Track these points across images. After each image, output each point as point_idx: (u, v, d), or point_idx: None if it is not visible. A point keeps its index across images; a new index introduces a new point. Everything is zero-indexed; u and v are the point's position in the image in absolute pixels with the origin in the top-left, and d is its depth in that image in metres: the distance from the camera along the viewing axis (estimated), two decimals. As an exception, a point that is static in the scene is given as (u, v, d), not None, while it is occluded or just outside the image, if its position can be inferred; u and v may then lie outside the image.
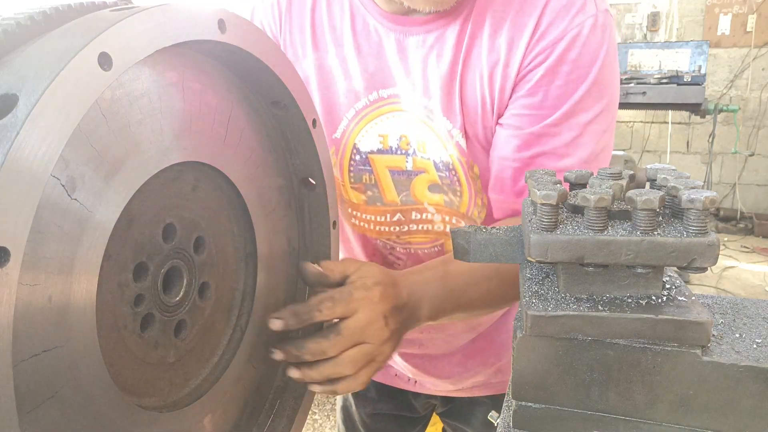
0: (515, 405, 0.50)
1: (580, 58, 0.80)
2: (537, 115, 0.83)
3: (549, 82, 0.82)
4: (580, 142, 0.83)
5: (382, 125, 0.92)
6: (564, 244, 0.48)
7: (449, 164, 0.90)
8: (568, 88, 0.82)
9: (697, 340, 0.46)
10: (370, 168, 0.95)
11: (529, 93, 0.83)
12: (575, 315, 0.48)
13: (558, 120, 0.82)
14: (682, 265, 0.47)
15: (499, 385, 1.12)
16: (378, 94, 0.92)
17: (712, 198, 0.45)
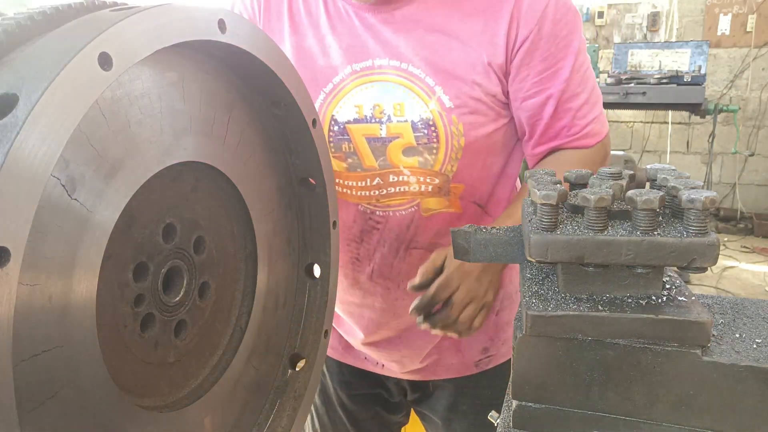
0: (515, 405, 0.50)
1: (561, 15, 0.96)
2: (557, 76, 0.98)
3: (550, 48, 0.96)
4: (585, 77, 1.01)
5: (357, 96, 1.02)
6: (564, 244, 0.48)
7: (429, 120, 1.00)
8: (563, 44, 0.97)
9: (697, 340, 0.46)
10: (348, 137, 1.04)
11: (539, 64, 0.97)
12: (575, 315, 0.48)
13: (569, 71, 0.98)
14: (682, 265, 0.47)
15: (458, 367, 1.20)
16: (352, 67, 1.01)
17: (712, 198, 0.45)
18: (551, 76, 0.99)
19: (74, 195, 0.50)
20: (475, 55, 0.97)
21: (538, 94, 1.00)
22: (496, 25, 0.96)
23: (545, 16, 0.95)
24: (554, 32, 0.96)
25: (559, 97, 1.00)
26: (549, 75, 0.99)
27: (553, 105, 1.00)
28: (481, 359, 1.20)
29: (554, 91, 0.99)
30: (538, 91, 0.99)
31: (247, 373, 0.79)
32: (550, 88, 0.99)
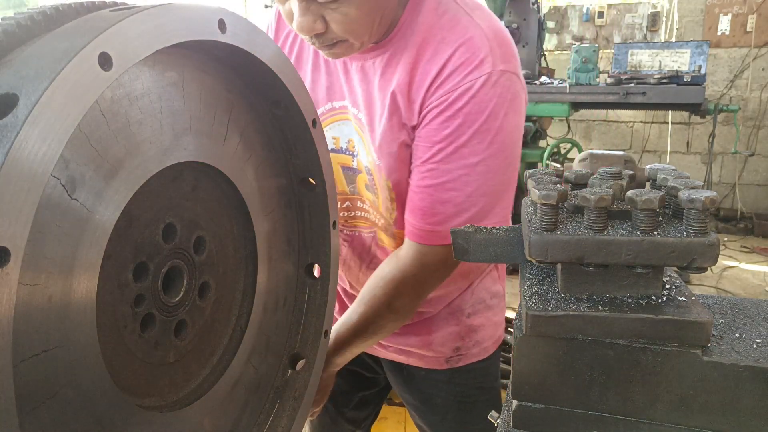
0: (515, 405, 0.50)
1: (468, 107, 0.96)
2: (431, 150, 1.00)
3: (441, 124, 0.98)
4: (467, 180, 0.99)
5: (336, 130, 1.12)
6: (564, 244, 0.48)
7: (369, 170, 1.10)
8: (456, 132, 0.98)
9: (697, 340, 0.46)
10: None
11: (428, 130, 1.00)
12: (575, 315, 0.48)
13: (446, 158, 0.99)
14: (682, 265, 0.47)
15: (430, 360, 1.27)
16: (332, 104, 1.11)
17: (712, 198, 0.45)
18: (431, 149, 1.00)
19: (74, 195, 0.50)
20: (398, 117, 1.02)
21: (417, 160, 1.03)
22: (418, 90, 1.00)
23: (454, 103, 0.97)
24: (453, 114, 0.97)
25: (432, 176, 1.01)
26: (431, 147, 1.00)
27: (425, 180, 1.01)
28: (452, 356, 1.27)
29: (432, 166, 1.00)
30: (418, 157, 1.02)
31: (247, 373, 0.79)
32: (427, 162, 1.01)
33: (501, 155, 1.00)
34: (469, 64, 0.96)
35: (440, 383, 1.28)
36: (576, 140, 4.61)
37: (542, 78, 4.67)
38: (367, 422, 1.54)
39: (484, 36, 0.97)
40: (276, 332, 0.84)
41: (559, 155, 4.40)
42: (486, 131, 0.97)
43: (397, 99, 1.01)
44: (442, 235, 1.02)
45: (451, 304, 1.24)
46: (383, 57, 1.03)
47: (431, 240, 1.02)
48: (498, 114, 0.97)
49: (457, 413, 1.30)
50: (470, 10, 1.00)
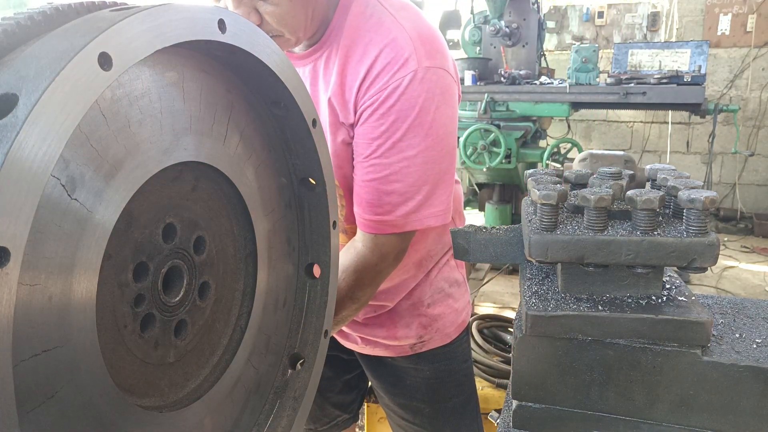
0: (515, 405, 0.50)
1: (399, 104, 1.02)
2: (371, 147, 1.06)
3: (376, 121, 1.04)
4: (408, 171, 1.05)
5: None
6: (564, 244, 0.48)
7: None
8: (391, 128, 1.03)
9: (697, 340, 0.46)
10: None
11: (365, 128, 1.05)
12: (575, 315, 0.48)
13: (386, 153, 1.04)
14: (682, 265, 0.47)
15: (397, 349, 1.32)
16: None
17: (712, 198, 0.45)
18: (370, 145, 1.06)
19: (74, 195, 0.50)
20: (335, 118, 1.08)
21: (358, 156, 1.08)
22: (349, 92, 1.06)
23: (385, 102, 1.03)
24: (387, 110, 1.03)
25: (372, 170, 1.07)
26: (369, 143, 1.06)
27: (367, 174, 1.07)
28: (416, 343, 1.33)
29: (372, 161, 1.06)
30: (358, 152, 1.08)
31: (247, 373, 0.79)
32: (369, 158, 1.07)
33: (437, 146, 1.06)
34: (395, 63, 1.01)
35: (407, 368, 1.34)
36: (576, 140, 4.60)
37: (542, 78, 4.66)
38: (354, 406, 1.58)
39: (407, 36, 1.02)
40: (276, 332, 0.84)
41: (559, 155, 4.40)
42: (419, 125, 1.03)
43: (332, 101, 1.07)
44: (392, 224, 1.07)
45: (411, 296, 1.29)
46: (319, 61, 1.09)
47: (384, 229, 1.08)
48: (429, 108, 1.03)
49: (425, 393, 1.35)
50: (395, 11, 1.05)
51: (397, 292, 1.28)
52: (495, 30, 4.41)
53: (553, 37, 6.34)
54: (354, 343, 1.37)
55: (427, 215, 1.09)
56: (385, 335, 1.31)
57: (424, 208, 1.09)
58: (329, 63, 1.08)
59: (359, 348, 1.37)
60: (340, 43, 1.06)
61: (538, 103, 4.21)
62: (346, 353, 1.45)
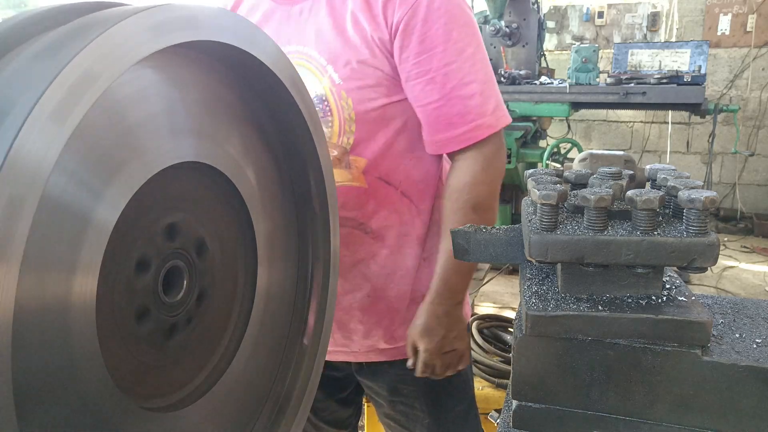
0: (515, 405, 0.50)
1: (444, 6, 1.03)
2: (432, 58, 1.04)
3: (426, 29, 1.03)
4: (476, 69, 1.06)
5: None
6: (564, 244, 0.48)
7: (322, 96, 1.10)
8: (444, 31, 1.03)
9: (697, 340, 0.46)
10: None
11: (414, 41, 1.03)
12: (575, 315, 0.48)
13: (450, 58, 1.04)
14: (682, 265, 0.47)
15: (393, 352, 1.29)
16: None
17: (712, 198, 0.45)
18: (428, 60, 1.04)
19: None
20: (360, 36, 1.06)
21: (419, 76, 1.05)
22: (376, 7, 1.05)
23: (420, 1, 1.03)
24: (430, 18, 1.03)
25: (442, 82, 1.05)
26: (426, 58, 1.04)
27: (439, 91, 1.05)
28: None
29: (435, 75, 1.04)
30: (418, 72, 1.05)
31: (247, 374, 0.79)
32: (430, 72, 1.04)
33: (481, 42, 1.10)
34: None
35: (407, 376, 1.29)
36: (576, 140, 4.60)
37: (542, 78, 4.66)
38: (351, 420, 1.52)
39: None
40: (276, 332, 0.84)
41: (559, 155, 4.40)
42: (465, 23, 1.06)
43: (357, 16, 1.06)
44: (487, 125, 1.08)
45: (413, 291, 1.26)
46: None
47: (480, 134, 1.07)
48: (464, 4, 1.07)
49: (425, 402, 1.31)
50: None
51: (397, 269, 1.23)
52: (495, 30, 4.40)
53: (553, 37, 6.34)
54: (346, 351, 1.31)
55: (505, 111, 1.11)
56: (385, 337, 1.28)
57: (500, 103, 1.11)
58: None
59: (354, 357, 1.32)
60: None
61: (538, 103, 4.21)
62: (338, 370, 1.39)
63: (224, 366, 0.75)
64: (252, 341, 0.79)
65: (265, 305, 0.81)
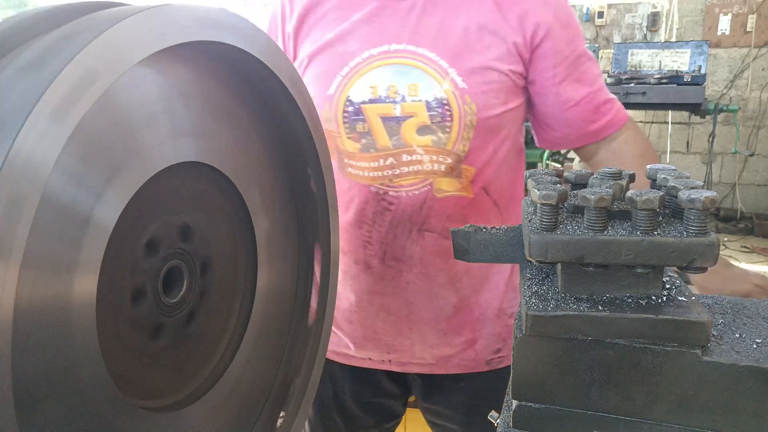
0: (515, 405, 0.50)
1: (569, 9, 1.11)
2: (579, 59, 1.11)
3: (570, 34, 1.09)
4: (594, 66, 1.14)
5: (373, 78, 1.08)
6: (564, 244, 0.48)
7: (443, 99, 1.06)
8: (576, 35, 1.12)
9: (697, 340, 0.46)
10: (363, 117, 1.09)
11: (566, 48, 1.08)
12: (575, 315, 0.48)
13: (584, 59, 1.12)
14: (682, 265, 0.47)
15: (470, 363, 1.22)
16: (369, 52, 1.08)
17: (712, 198, 0.45)
18: (575, 60, 1.10)
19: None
20: (489, 40, 1.05)
21: (567, 77, 1.10)
22: (512, 12, 1.05)
23: (557, 6, 1.08)
24: (571, 21, 1.10)
25: (585, 78, 1.11)
26: (574, 60, 1.09)
27: (587, 86, 1.11)
28: (493, 358, 1.22)
29: (580, 74, 1.10)
30: (567, 74, 1.09)
31: (247, 373, 0.79)
32: (575, 72, 1.10)
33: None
34: None
35: (483, 392, 1.21)
36: (576, 140, 4.59)
37: (542, 78, 4.65)
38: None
39: None
40: (276, 332, 0.84)
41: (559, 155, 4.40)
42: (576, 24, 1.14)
43: (488, 18, 1.05)
44: (622, 110, 1.17)
45: (499, 299, 1.20)
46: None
47: (624, 114, 1.16)
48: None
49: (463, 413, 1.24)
50: None
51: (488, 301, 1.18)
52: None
53: (553, 37, 6.33)
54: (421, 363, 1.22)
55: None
56: (463, 345, 1.19)
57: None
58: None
59: (424, 368, 1.22)
60: None
61: (538, 103, 4.20)
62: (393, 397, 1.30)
63: (224, 366, 0.75)
64: (252, 341, 0.79)
65: (265, 305, 0.81)
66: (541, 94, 1.12)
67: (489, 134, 1.09)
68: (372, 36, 1.08)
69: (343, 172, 1.12)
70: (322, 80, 1.10)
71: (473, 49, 1.04)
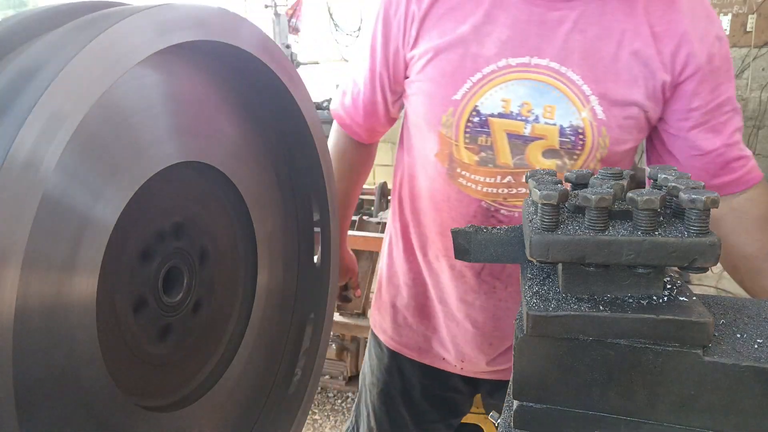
0: (516, 405, 0.50)
1: (725, 50, 1.00)
2: (720, 108, 1.00)
3: (718, 80, 0.99)
4: (737, 114, 1.04)
5: (506, 90, 0.98)
6: (565, 244, 0.48)
7: (579, 128, 0.98)
8: (728, 77, 1.01)
9: (698, 340, 0.45)
10: (488, 130, 1.00)
11: (708, 95, 0.99)
12: (576, 315, 0.48)
13: (729, 104, 1.01)
14: (683, 265, 0.47)
15: None
16: (507, 61, 0.98)
17: (713, 198, 0.45)
18: (716, 108, 1.00)
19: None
20: (639, 71, 0.96)
21: (703, 124, 1.00)
22: (668, 47, 0.96)
23: (713, 47, 0.97)
24: (723, 66, 0.99)
25: (723, 130, 1.01)
26: (715, 107, 1.00)
27: (721, 139, 1.01)
28: None
29: (716, 123, 1.01)
30: (703, 121, 1.00)
31: (247, 373, 0.79)
32: (712, 121, 1.00)
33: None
34: (709, 10, 0.98)
35: None
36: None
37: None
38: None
39: None
40: (276, 332, 0.84)
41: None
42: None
43: (642, 51, 0.95)
44: (755, 165, 1.06)
45: None
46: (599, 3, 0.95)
47: (758, 173, 1.05)
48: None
49: None
50: None
51: None
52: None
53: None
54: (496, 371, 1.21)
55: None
56: None
57: None
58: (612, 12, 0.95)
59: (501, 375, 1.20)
60: None
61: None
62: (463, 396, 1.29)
63: (224, 366, 0.75)
64: (252, 341, 0.79)
65: (265, 305, 0.81)
66: (669, 134, 1.03)
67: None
68: (513, 43, 0.97)
69: (452, 180, 1.05)
70: (448, 81, 1.00)
71: (620, 79, 0.96)
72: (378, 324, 1.29)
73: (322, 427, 2.61)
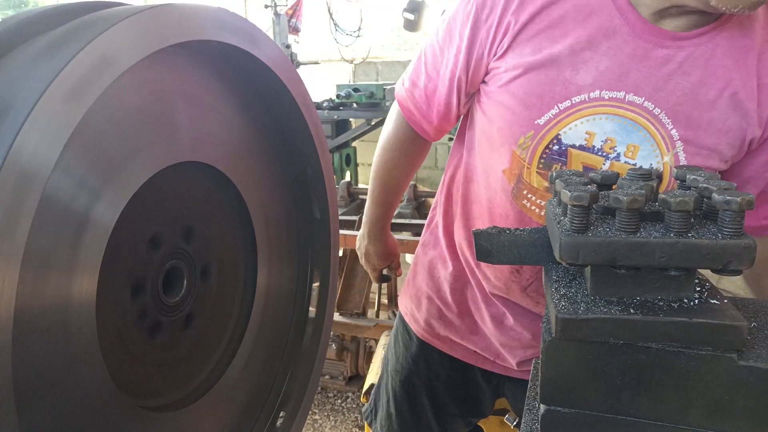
0: (543, 409, 0.49)
1: None
2: None
3: None
4: None
5: (593, 124, 0.93)
6: (596, 246, 0.46)
7: (658, 172, 0.95)
8: None
9: (732, 343, 0.45)
10: (564, 160, 0.95)
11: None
12: (606, 318, 0.47)
13: None
14: (717, 268, 0.46)
15: None
16: (600, 93, 0.92)
17: (748, 200, 0.44)
18: None
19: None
20: (733, 123, 0.90)
21: None
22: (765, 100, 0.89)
23: None
24: None
25: None
26: None
27: None
28: None
29: None
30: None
31: (247, 373, 0.77)
32: None
33: None
34: None
35: None
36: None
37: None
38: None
39: None
40: (276, 332, 0.82)
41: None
42: None
43: (741, 101, 0.88)
44: None
45: None
46: (713, 42, 0.87)
47: None
48: None
49: None
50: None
51: None
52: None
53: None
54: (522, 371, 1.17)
55: None
56: None
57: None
58: (732, 48, 0.87)
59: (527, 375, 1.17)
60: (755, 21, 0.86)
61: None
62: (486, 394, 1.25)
63: (224, 366, 0.74)
64: (252, 341, 0.77)
65: (265, 305, 0.79)
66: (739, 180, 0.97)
67: None
68: (610, 75, 0.90)
69: (516, 200, 1.00)
70: (534, 102, 0.93)
71: (712, 126, 0.89)
72: (409, 312, 1.26)
73: (322, 427, 2.58)
